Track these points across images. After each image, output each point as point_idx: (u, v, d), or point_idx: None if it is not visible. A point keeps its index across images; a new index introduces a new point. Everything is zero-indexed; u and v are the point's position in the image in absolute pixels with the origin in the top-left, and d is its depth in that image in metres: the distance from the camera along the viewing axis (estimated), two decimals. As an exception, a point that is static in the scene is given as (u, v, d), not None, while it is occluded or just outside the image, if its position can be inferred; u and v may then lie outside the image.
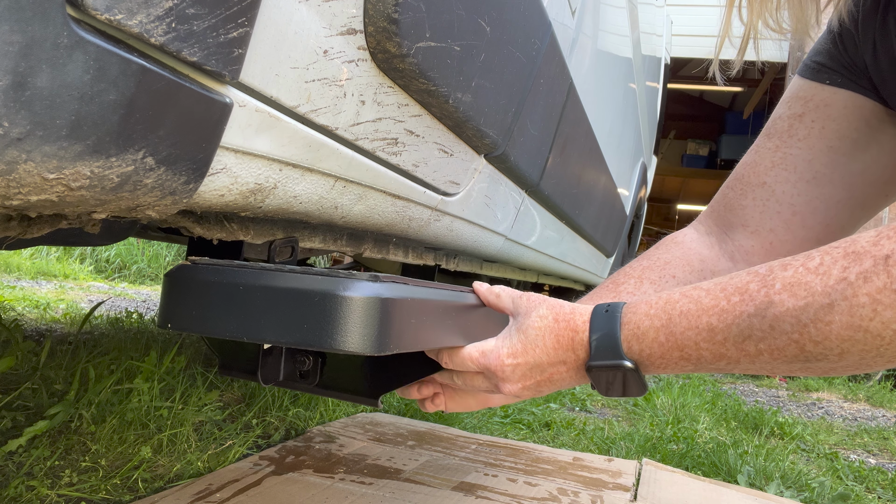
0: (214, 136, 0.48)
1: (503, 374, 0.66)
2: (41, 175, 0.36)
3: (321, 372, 0.80)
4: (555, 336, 0.64)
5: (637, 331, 0.60)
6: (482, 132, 0.93)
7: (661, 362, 0.59)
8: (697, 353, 0.57)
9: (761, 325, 0.52)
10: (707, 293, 0.57)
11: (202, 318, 0.58)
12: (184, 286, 0.60)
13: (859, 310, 0.47)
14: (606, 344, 0.61)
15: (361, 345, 0.55)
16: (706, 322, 0.56)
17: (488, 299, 0.74)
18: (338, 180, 0.70)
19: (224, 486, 1.20)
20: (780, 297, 0.51)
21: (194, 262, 0.62)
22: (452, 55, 0.75)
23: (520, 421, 2.17)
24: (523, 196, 1.35)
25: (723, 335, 0.55)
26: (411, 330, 0.61)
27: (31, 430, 1.20)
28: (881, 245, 0.48)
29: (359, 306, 0.55)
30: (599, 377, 0.62)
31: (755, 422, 2.71)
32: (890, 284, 0.46)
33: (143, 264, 6.10)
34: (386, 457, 1.48)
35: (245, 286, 0.57)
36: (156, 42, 0.39)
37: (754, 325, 0.53)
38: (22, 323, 2.43)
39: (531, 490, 1.34)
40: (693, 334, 0.56)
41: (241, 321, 0.57)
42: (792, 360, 0.52)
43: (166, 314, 0.60)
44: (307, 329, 0.55)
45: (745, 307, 0.53)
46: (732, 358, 0.55)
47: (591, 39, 1.55)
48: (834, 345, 0.49)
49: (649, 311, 0.60)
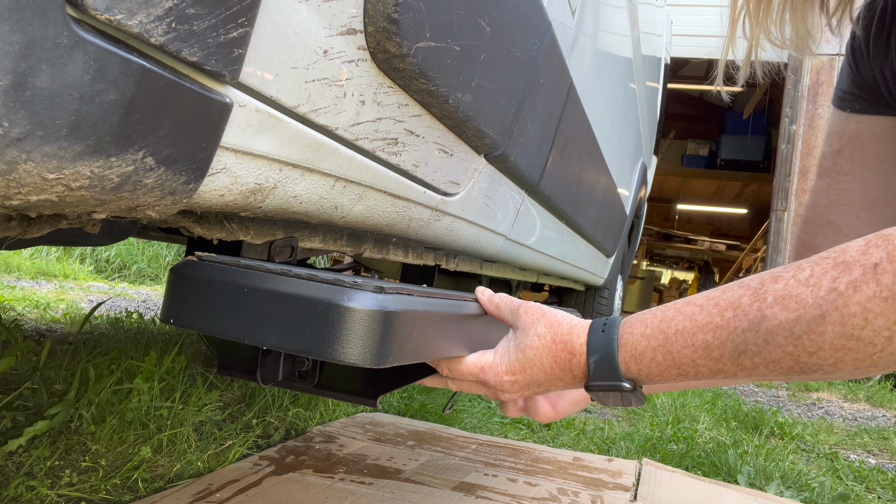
0: (214, 136, 0.48)
1: (502, 388, 0.67)
2: (41, 175, 0.36)
3: (320, 372, 0.80)
4: (552, 356, 0.65)
5: (634, 352, 0.60)
6: (482, 132, 0.93)
7: (660, 379, 0.60)
8: (695, 369, 0.57)
9: (755, 339, 0.52)
10: (701, 309, 0.57)
11: (205, 317, 0.58)
12: (188, 283, 0.59)
13: (850, 319, 0.47)
14: (605, 366, 0.62)
15: (361, 357, 0.55)
16: (702, 339, 0.56)
17: (488, 309, 0.75)
18: (338, 180, 0.71)
19: (224, 486, 1.20)
20: (772, 311, 0.51)
21: (200, 258, 0.62)
22: (452, 55, 0.75)
23: (520, 421, 2.17)
24: (523, 196, 1.35)
25: (718, 351, 0.55)
26: (412, 342, 0.61)
27: (31, 430, 1.20)
28: (870, 254, 0.48)
29: (361, 318, 0.54)
30: (599, 395, 0.64)
31: (755, 422, 2.71)
32: (879, 293, 0.46)
33: (143, 264, 6.10)
34: (386, 457, 1.48)
35: (249, 288, 0.57)
36: (156, 42, 0.39)
37: (749, 339, 0.53)
38: (22, 323, 2.43)
39: (531, 490, 1.34)
40: (689, 352, 0.57)
41: (244, 323, 0.56)
42: (788, 372, 0.53)
43: (170, 309, 0.60)
44: (308, 337, 0.54)
45: (739, 322, 0.54)
46: (729, 372, 0.56)
47: (591, 39, 1.55)
48: (828, 355, 0.49)
49: (645, 330, 0.60)
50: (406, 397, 2.17)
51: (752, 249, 8.75)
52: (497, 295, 0.76)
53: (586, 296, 3.14)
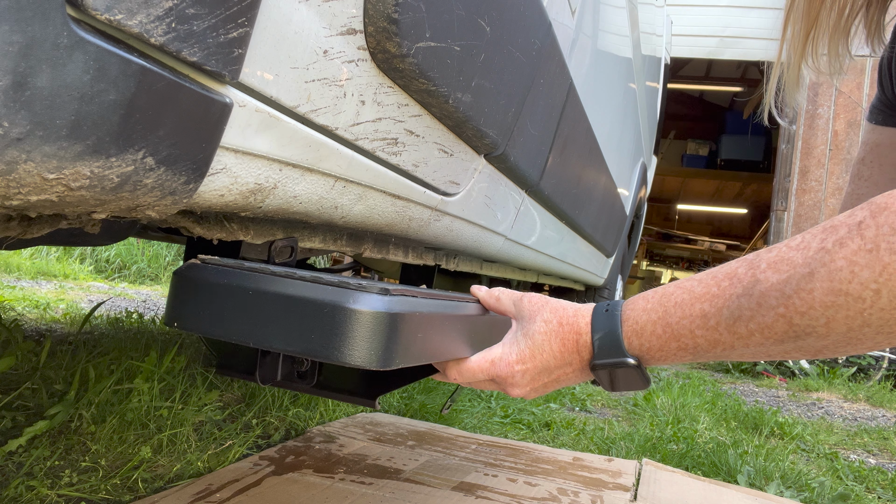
0: (214, 136, 0.48)
1: (513, 379, 0.67)
2: (41, 175, 0.36)
3: (319, 372, 0.80)
4: (560, 340, 0.66)
5: (636, 326, 0.62)
6: (482, 132, 0.93)
7: (661, 354, 0.61)
8: (693, 341, 0.58)
9: (749, 303, 0.54)
10: (699, 282, 0.59)
11: (209, 320, 0.58)
12: (192, 286, 0.59)
13: (837, 273, 0.49)
14: (609, 342, 0.63)
15: (367, 359, 0.54)
16: (699, 309, 0.57)
17: (488, 303, 0.75)
18: (338, 180, 0.71)
19: (224, 486, 1.20)
20: (764, 275, 0.53)
21: (204, 262, 0.61)
22: (452, 55, 0.75)
23: (520, 421, 2.17)
24: (523, 196, 1.35)
25: (715, 319, 0.56)
26: (417, 343, 0.61)
27: (31, 430, 1.20)
28: (854, 215, 0.50)
29: (367, 320, 0.54)
30: (603, 375, 0.64)
31: (755, 422, 2.71)
32: (864, 245, 0.48)
33: (143, 264, 6.10)
34: (386, 457, 1.48)
35: (255, 291, 0.56)
36: (156, 42, 0.39)
37: (743, 304, 0.54)
38: (22, 323, 2.43)
39: (531, 490, 1.34)
40: (687, 322, 0.58)
41: (248, 326, 0.56)
42: (783, 339, 0.53)
43: (173, 313, 0.60)
44: (314, 340, 0.54)
45: (734, 289, 0.55)
46: (727, 343, 0.57)
47: (591, 39, 1.55)
48: (819, 314, 0.50)
49: (646, 305, 0.62)
50: (406, 397, 2.17)
51: (752, 249, 8.75)
52: (495, 289, 0.76)
53: (586, 296, 3.14)
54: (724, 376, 4.90)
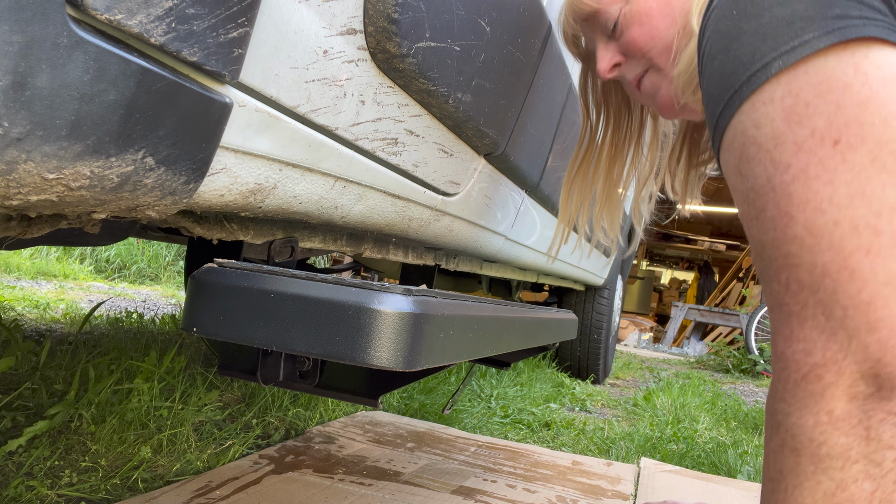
0: (214, 136, 0.48)
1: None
2: (41, 175, 0.36)
3: (321, 372, 0.79)
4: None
5: None
6: (482, 132, 0.93)
7: None
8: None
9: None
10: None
11: (229, 325, 0.57)
12: (211, 290, 0.58)
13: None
14: None
15: (393, 360, 0.54)
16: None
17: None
18: (338, 180, 0.70)
19: (224, 484, 1.20)
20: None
21: (221, 265, 0.61)
22: (452, 55, 0.75)
23: (520, 421, 2.17)
24: (523, 196, 1.35)
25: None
26: (440, 344, 0.60)
27: (31, 430, 1.20)
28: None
29: (392, 321, 0.54)
30: None
31: (755, 422, 2.71)
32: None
33: (143, 264, 6.10)
34: (385, 459, 1.48)
35: (276, 294, 0.56)
36: (156, 42, 0.39)
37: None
38: (22, 323, 2.43)
39: (530, 497, 1.34)
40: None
41: (270, 330, 0.55)
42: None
43: (192, 318, 0.59)
44: (339, 342, 0.54)
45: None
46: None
47: (591, 39, 1.55)
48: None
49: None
50: (406, 397, 2.17)
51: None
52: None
53: (586, 296, 3.14)
54: (724, 376, 4.90)
